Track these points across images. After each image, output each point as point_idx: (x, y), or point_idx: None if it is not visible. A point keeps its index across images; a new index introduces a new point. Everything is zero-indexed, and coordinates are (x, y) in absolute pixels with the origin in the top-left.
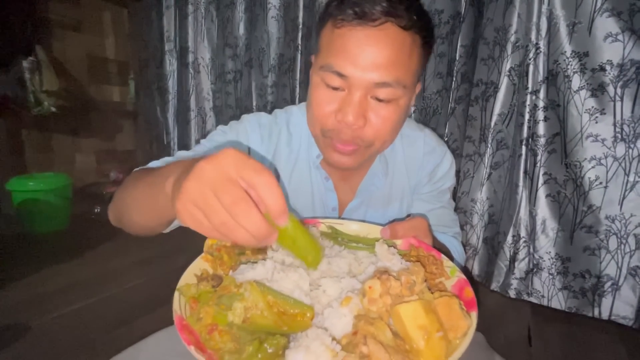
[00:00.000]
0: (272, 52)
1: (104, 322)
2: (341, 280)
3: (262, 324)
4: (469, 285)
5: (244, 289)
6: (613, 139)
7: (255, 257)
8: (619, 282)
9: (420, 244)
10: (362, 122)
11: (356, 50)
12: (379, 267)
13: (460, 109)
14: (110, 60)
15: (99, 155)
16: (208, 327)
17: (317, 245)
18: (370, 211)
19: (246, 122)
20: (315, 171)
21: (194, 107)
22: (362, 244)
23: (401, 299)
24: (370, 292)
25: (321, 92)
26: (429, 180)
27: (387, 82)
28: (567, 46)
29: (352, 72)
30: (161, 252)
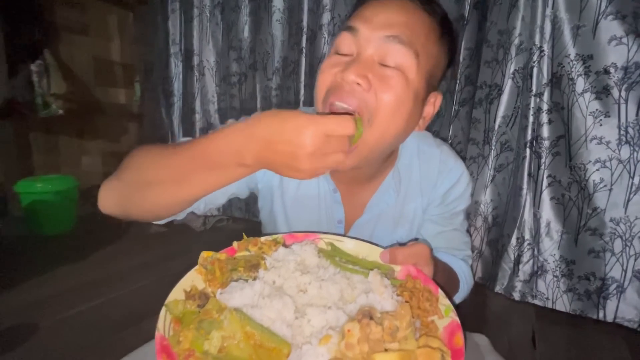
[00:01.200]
0: (276, 54)
1: (111, 322)
2: (327, 311)
3: (237, 356)
4: (461, 331)
5: (224, 316)
6: (618, 142)
7: (247, 275)
8: (624, 285)
9: (418, 274)
10: (366, 83)
11: (372, 13)
12: (363, 306)
13: (464, 111)
14: (116, 63)
15: (104, 157)
16: (185, 351)
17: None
18: (378, 229)
19: None
20: (324, 182)
21: (199, 110)
22: (359, 267)
23: (381, 344)
24: (349, 336)
25: (330, 59)
26: (441, 202)
27: (398, 35)
28: (572, 49)
29: (362, 27)
30: (165, 254)
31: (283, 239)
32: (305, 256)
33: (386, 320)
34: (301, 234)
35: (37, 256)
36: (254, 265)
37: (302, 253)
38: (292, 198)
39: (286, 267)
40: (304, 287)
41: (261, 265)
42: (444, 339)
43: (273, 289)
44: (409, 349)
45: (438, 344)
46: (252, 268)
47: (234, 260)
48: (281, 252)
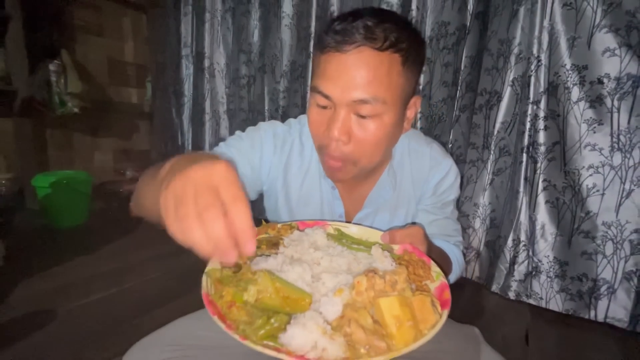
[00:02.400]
0: (284, 58)
1: (125, 310)
2: (338, 275)
3: (269, 304)
4: (448, 289)
5: (258, 275)
6: (610, 149)
7: (269, 251)
8: (615, 286)
9: (414, 249)
10: (346, 137)
11: (336, 73)
12: (370, 267)
13: (464, 116)
14: (129, 64)
15: (116, 154)
16: (228, 303)
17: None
18: (377, 222)
19: (262, 130)
20: (324, 181)
21: (209, 110)
22: (362, 246)
23: (384, 293)
24: (358, 286)
25: (313, 111)
26: (433, 193)
27: (365, 99)
28: (567, 59)
29: (333, 92)
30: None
31: (297, 224)
32: (316, 238)
33: (387, 275)
34: (311, 221)
35: (53, 247)
36: (275, 244)
37: (313, 235)
38: (295, 197)
39: (301, 245)
40: (317, 261)
41: (280, 244)
42: (434, 295)
43: (293, 260)
44: (404, 295)
45: (429, 296)
46: (273, 246)
47: (257, 240)
48: (296, 234)
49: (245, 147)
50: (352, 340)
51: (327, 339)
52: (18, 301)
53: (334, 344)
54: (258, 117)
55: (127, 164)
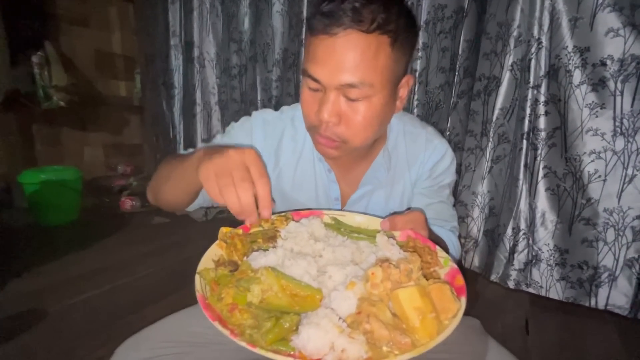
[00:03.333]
0: (276, 46)
1: (116, 308)
2: (345, 267)
3: (276, 304)
4: (460, 274)
5: (260, 273)
6: (612, 133)
7: (266, 245)
8: (616, 273)
9: (417, 235)
10: (336, 119)
11: (324, 56)
12: (380, 256)
13: (462, 103)
14: (116, 55)
15: (107, 149)
16: (229, 306)
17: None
18: (372, 203)
19: (253, 119)
20: (319, 164)
21: (200, 102)
22: (363, 235)
23: (399, 284)
24: (373, 277)
25: (305, 94)
26: (429, 176)
27: (352, 83)
28: (569, 41)
29: (321, 76)
30: (168, 244)
31: (291, 215)
32: (314, 228)
33: (402, 264)
34: (306, 211)
35: (43, 245)
36: (271, 237)
37: (311, 226)
38: (289, 181)
39: (300, 236)
40: (318, 252)
41: (277, 236)
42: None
43: (293, 254)
44: (421, 284)
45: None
46: (270, 239)
47: (252, 234)
48: (292, 226)
49: (237, 136)
50: (373, 338)
51: (346, 338)
52: (6, 301)
53: (354, 343)
54: (250, 107)
55: (118, 158)
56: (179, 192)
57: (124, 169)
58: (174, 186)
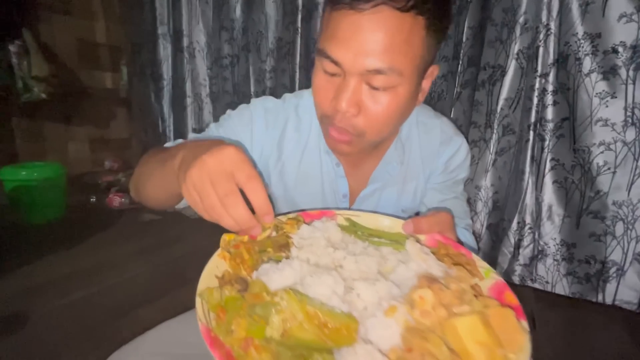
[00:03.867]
0: (270, 35)
1: (104, 312)
2: (375, 283)
3: (302, 339)
4: (509, 289)
5: (280, 297)
6: (623, 124)
7: (277, 255)
8: (624, 268)
9: (446, 240)
10: (355, 109)
11: (347, 35)
12: (421, 271)
13: (466, 93)
14: (101, 45)
15: (92, 143)
16: (242, 341)
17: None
18: (383, 200)
19: (252, 107)
20: (326, 157)
21: (190, 94)
22: (384, 239)
23: (450, 309)
24: (422, 303)
25: (319, 78)
26: (443, 170)
27: (380, 69)
28: (579, 27)
29: (343, 59)
30: (159, 242)
31: (302, 216)
32: (330, 233)
33: (453, 284)
34: (316, 212)
35: (26, 245)
36: (283, 245)
37: (326, 230)
38: (293, 178)
39: (317, 244)
40: (338, 262)
41: (290, 244)
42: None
43: (312, 266)
44: (479, 309)
45: (494, 304)
46: (282, 247)
47: (260, 242)
48: (305, 230)
49: (235, 125)
50: None
51: None
52: None
53: None
54: (243, 99)
55: (105, 153)
56: (162, 193)
57: (112, 165)
58: (156, 187)
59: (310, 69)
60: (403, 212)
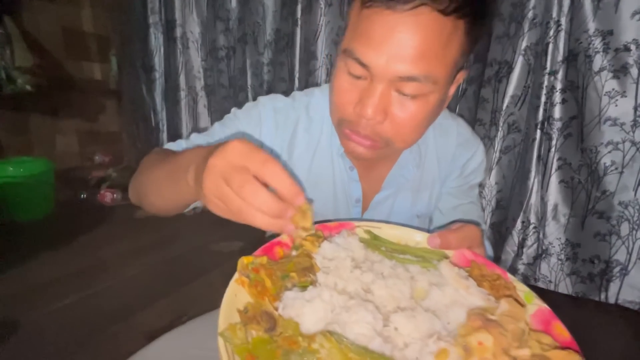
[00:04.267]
0: (268, 26)
1: (99, 317)
2: (414, 315)
3: None
4: (557, 318)
5: (319, 344)
6: (632, 123)
7: (302, 281)
8: (628, 267)
9: (477, 258)
10: (382, 117)
11: (381, 37)
12: (473, 306)
13: (471, 90)
14: (88, 34)
15: (81, 137)
16: None
17: None
18: (397, 205)
19: (261, 106)
20: (339, 160)
21: (184, 86)
22: (409, 255)
23: (509, 353)
24: (481, 350)
25: (342, 79)
26: (459, 174)
27: (414, 76)
28: (591, 23)
29: (374, 62)
30: (155, 241)
31: (321, 230)
32: (353, 251)
33: (510, 324)
34: (334, 224)
35: (13, 245)
36: (307, 268)
37: (349, 246)
38: (303, 180)
39: (342, 266)
40: (367, 287)
41: (314, 266)
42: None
43: (344, 296)
44: (540, 353)
45: (548, 340)
46: (306, 271)
47: (281, 264)
48: (327, 249)
49: (242, 126)
50: None
51: None
52: None
53: None
54: (240, 93)
55: (94, 147)
56: (172, 205)
57: (102, 159)
58: (166, 199)
59: (310, 62)
60: (417, 218)
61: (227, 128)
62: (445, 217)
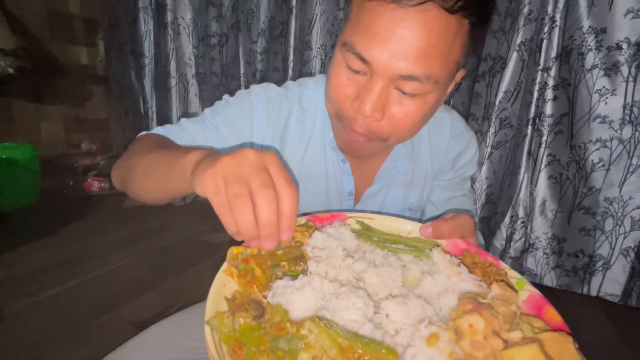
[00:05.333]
0: (262, 14)
1: (85, 308)
2: (406, 302)
3: None
4: (549, 303)
5: (308, 330)
6: (621, 121)
7: (292, 270)
8: (610, 262)
9: (470, 246)
10: (380, 115)
11: (384, 32)
12: (464, 290)
13: (465, 84)
14: (75, 16)
15: (67, 123)
16: None
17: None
18: (389, 198)
19: (253, 95)
20: (331, 152)
21: (175, 74)
22: (402, 245)
23: (500, 336)
24: (472, 332)
25: (341, 73)
26: (452, 167)
27: (415, 75)
28: (585, 21)
29: (375, 58)
30: (144, 231)
31: (312, 221)
32: (345, 240)
33: (501, 307)
34: (326, 215)
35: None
36: (298, 257)
37: (341, 236)
38: (295, 172)
39: (334, 255)
40: (359, 276)
41: (305, 255)
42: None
43: (335, 284)
44: (531, 336)
45: (540, 324)
46: (296, 260)
47: (272, 254)
48: (318, 238)
49: (233, 114)
50: None
51: None
52: None
53: None
54: (232, 82)
55: (81, 134)
56: (162, 193)
57: (89, 147)
58: (156, 185)
59: (304, 52)
60: (409, 211)
61: (219, 115)
62: (437, 210)
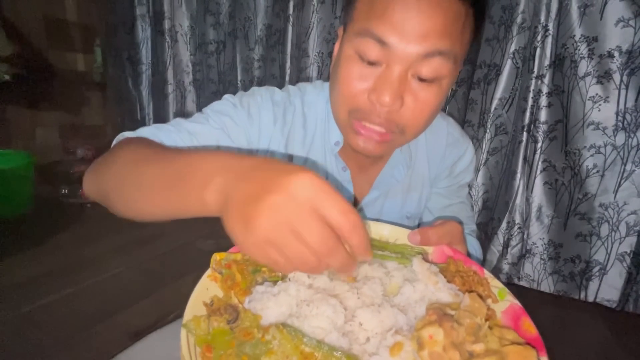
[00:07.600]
0: (259, 22)
1: (80, 316)
2: (380, 310)
3: None
4: (526, 314)
5: (272, 335)
6: (614, 128)
7: (273, 276)
8: (607, 267)
9: (456, 254)
10: (399, 103)
11: (402, 15)
12: (432, 301)
13: (461, 91)
14: (72, 24)
15: (63, 130)
16: None
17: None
18: (387, 205)
19: (258, 96)
20: (332, 159)
21: (172, 81)
22: (388, 252)
23: (463, 347)
24: (432, 343)
25: (354, 67)
26: (449, 174)
27: (440, 49)
28: (577, 29)
29: (395, 41)
30: (138, 238)
31: None
32: None
33: (466, 319)
34: None
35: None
36: None
37: None
38: None
39: None
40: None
41: None
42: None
43: (311, 291)
44: (495, 348)
45: (512, 336)
46: None
47: (253, 259)
48: None
49: (241, 116)
50: None
51: None
52: None
53: None
54: (229, 88)
55: (77, 141)
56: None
57: (85, 153)
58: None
59: (301, 59)
60: (407, 219)
61: (225, 115)
62: (435, 217)
